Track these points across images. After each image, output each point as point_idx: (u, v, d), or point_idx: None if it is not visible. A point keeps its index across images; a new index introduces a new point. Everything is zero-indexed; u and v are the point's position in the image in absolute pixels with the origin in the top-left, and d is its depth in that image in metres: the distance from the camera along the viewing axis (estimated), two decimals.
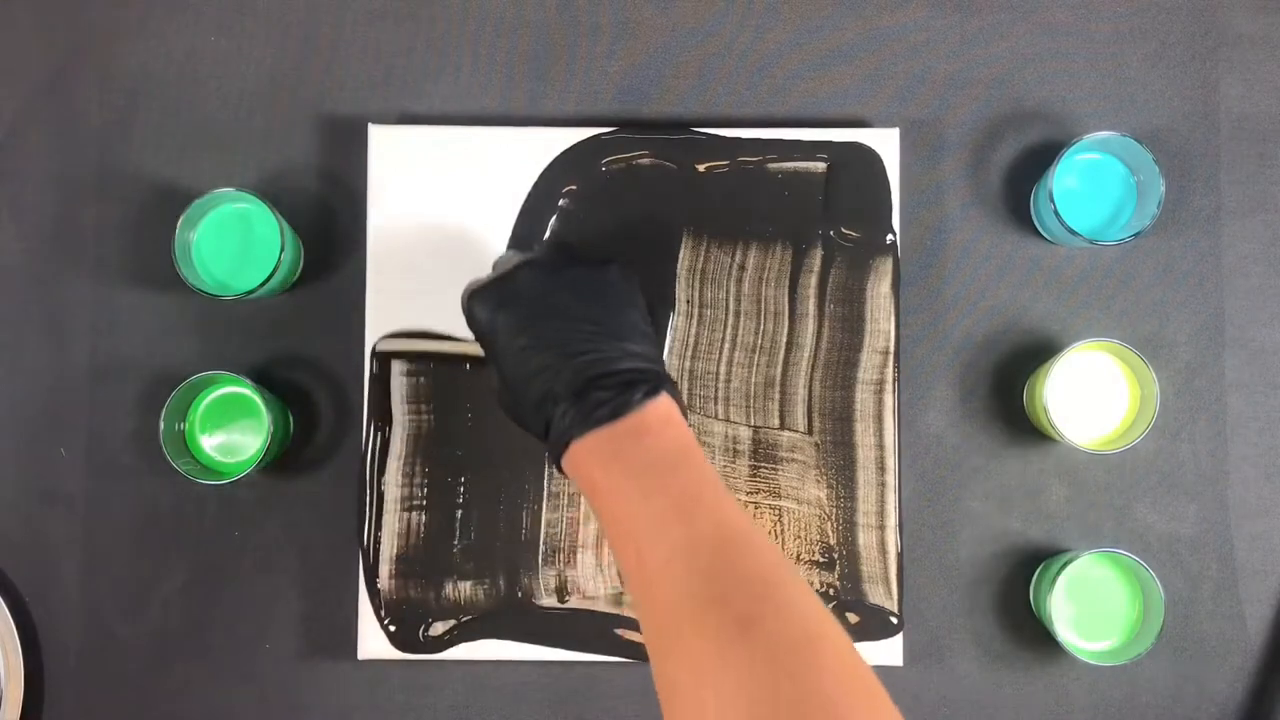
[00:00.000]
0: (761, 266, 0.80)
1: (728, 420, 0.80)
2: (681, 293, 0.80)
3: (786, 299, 0.80)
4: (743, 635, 0.52)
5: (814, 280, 0.80)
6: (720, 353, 0.80)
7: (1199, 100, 0.83)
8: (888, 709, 0.51)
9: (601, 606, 0.79)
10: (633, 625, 0.79)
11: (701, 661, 0.52)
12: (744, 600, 0.53)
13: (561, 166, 0.80)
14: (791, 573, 0.55)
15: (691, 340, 0.80)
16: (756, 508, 0.79)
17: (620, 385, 0.61)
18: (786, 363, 0.80)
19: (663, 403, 0.61)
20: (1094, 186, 0.81)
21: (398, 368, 0.79)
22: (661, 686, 0.55)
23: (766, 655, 0.51)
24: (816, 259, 0.80)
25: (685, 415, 0.63)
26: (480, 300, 0.66)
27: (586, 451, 0.61)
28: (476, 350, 0.72)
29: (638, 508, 0.58)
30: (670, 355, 0.80)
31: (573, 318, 0.64)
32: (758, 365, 0.80)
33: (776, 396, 0.80)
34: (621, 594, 0.79)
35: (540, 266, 0.66)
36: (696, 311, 0.80)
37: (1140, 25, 0.83)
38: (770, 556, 0.56)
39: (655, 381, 0.62)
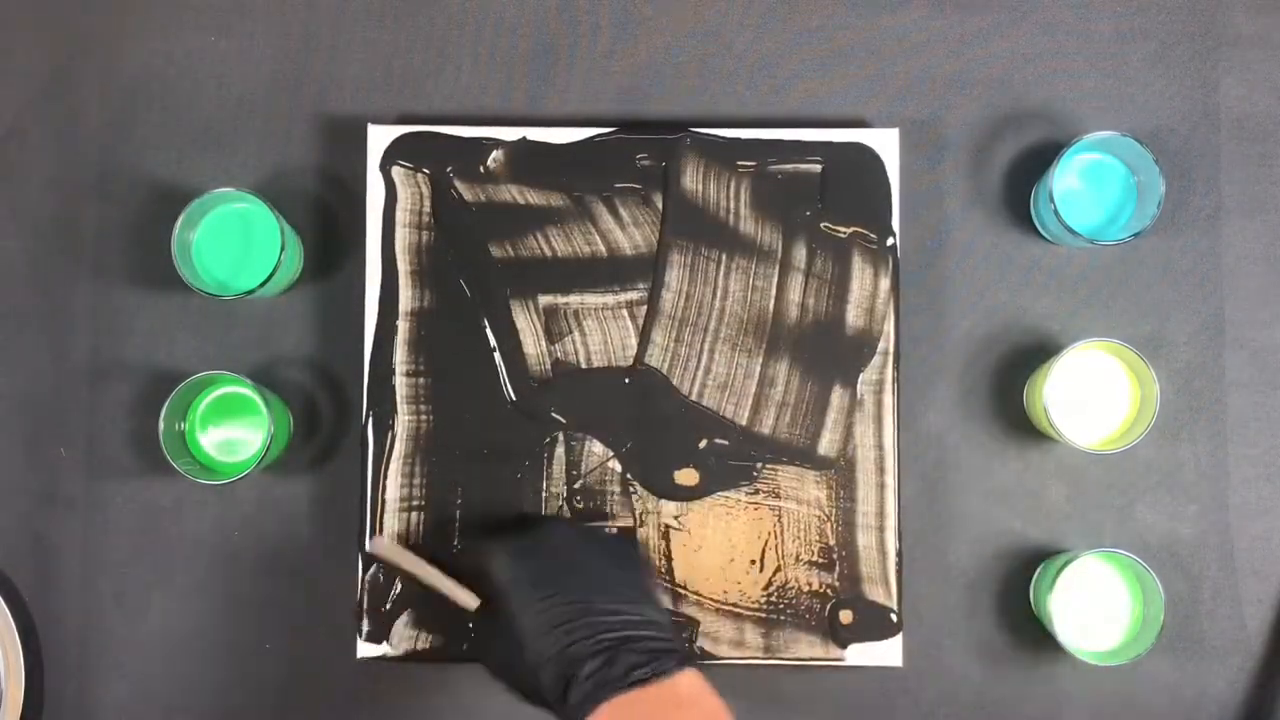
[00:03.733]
0: (757, 267, 0.80)
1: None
2: (672, 289, 0.80)
3: (777, 299, 0.80)
4: None
5: (814, 281, 0.80)
6: (715, 353, 0.80)
7: (1199, 100, 0.83)
8: None
9: None
10: None
11: None
12: None
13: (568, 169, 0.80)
14: None
15: (681, 336, 0.80)
16: (756, 508, 0.79)
17: (652, 651, 0.62)
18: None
19: (694, 674, 0.62)
20: (1094, 186, 0.81)
21: (400, 366, 0.79)
22: None
23: None
24: (816, 259, 0.80)
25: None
26: (502, 551, 0.67)
27: (619, 714, 0.61)
28: None
29: None
30: (661, 350, 0.80)
31: (597, 575, 0.65)
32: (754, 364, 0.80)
33: None
34: None
35: (566, 524, 0.68)
36: (681, 311, 0.80)
37: (1140, 25, 0.83)
38: None
39: (683, 653, 0.63)
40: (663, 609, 0.66)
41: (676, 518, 0.79)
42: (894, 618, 0.78)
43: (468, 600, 0.72)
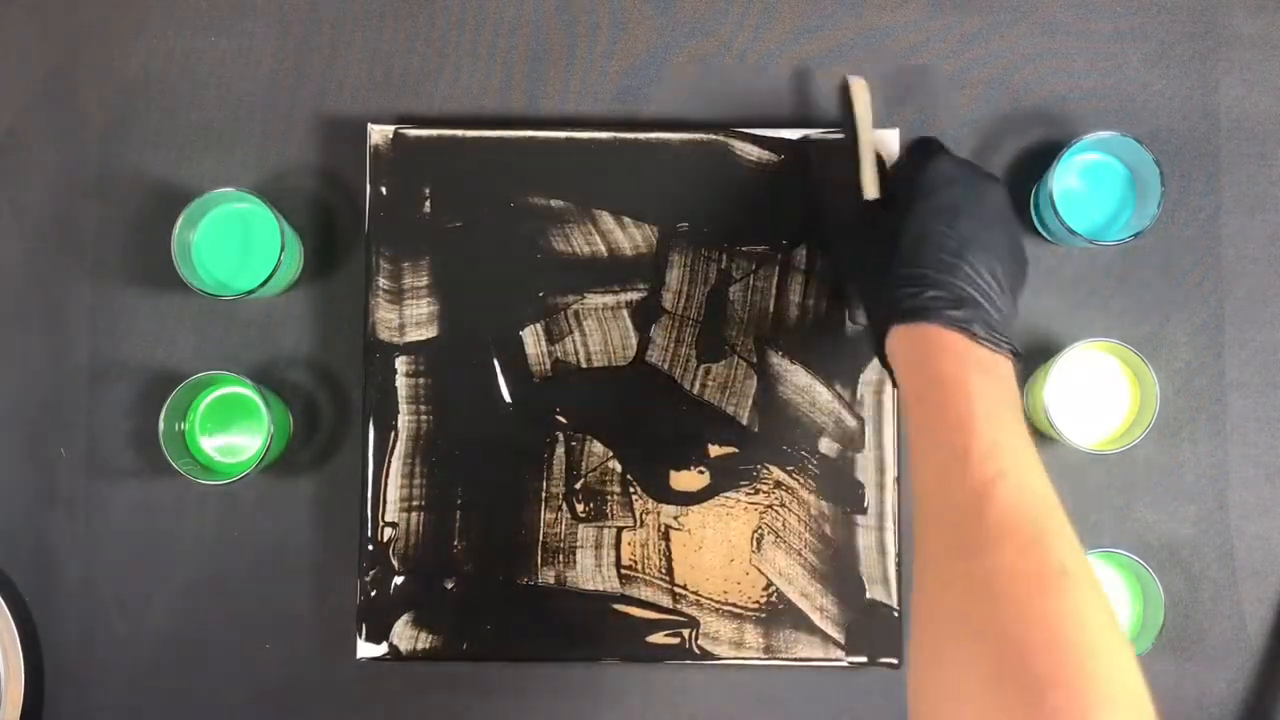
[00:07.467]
0: (756, 268, 0.80)
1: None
2: (672, 289, 0.80)
3: (776, 299, 0.80)
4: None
5: (814, 281, 0.80)
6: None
7: (1199, 100, 0.83)
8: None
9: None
10: (633, 602, 0.79)
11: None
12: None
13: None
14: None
15: (681, 336, 0.80)
16: (756, 508, 0.79)
17: (991, 326, 0.64)
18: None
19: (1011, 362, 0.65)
20: (1094, 186, 0.81)
21: (400, 367, 0.79)
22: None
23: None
24: (816, 259, 0.80)
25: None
26: (949, 162, 0.69)
27: (949, 337, 0.64)
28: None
29: (989, 408, 0.61)
30: (661, 350, 0.80)
31: (993, 253, 0.66)
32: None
33: None
34: (623, 594, 0.79)
35: (1000, 187, 0.69)
36: (681, 311, 0.80)
37: (1140, 25, 0.83)
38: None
39: (1016, 349, 0.65)
40: (1015, 308, 0.67)
41: (676, 518, 0.79)
42: (894, 618, 0.78)
43: (870, 185, 0.74)
